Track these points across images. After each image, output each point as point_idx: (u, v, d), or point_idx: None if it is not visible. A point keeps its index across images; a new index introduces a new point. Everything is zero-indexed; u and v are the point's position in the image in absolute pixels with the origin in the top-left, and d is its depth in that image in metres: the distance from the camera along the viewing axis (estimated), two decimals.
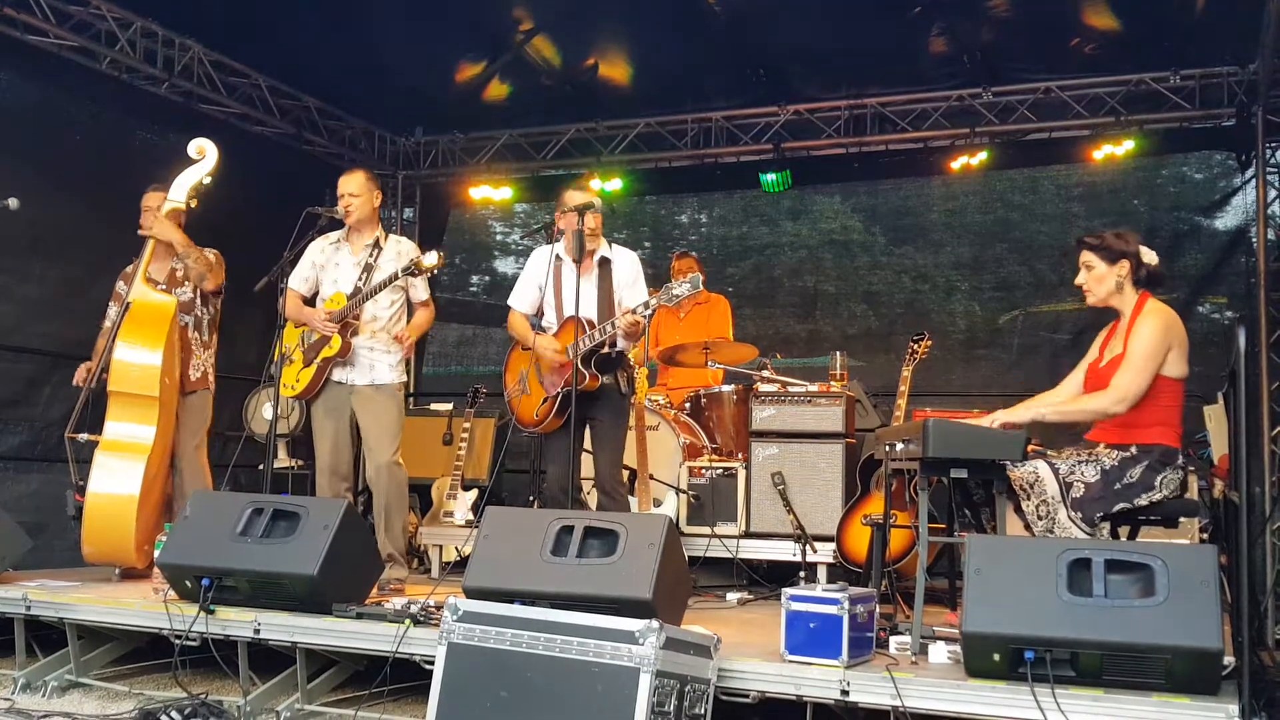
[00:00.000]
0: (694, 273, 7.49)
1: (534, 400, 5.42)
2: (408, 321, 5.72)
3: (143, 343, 5.50)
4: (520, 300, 5.57)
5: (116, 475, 5.42)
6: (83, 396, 5.67)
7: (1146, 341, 4.12)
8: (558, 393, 5.24)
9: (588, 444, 5.48)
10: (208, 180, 5.72)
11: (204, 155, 5.73)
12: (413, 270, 5.46)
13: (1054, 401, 4.40)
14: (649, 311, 5.18)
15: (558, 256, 5.44)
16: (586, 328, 5.16)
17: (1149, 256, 4.31)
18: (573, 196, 5.39)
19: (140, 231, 5.73)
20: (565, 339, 5.29)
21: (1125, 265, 4.29)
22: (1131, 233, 4.41)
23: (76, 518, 5.44)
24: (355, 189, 5.63)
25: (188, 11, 7.20)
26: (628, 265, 5.52)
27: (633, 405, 5.81)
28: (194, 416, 5.80)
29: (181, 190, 5.69)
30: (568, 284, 5.39)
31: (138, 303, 5.60)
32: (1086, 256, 4.37)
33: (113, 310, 5.85)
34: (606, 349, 5.25)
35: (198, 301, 5.82)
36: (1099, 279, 4.33)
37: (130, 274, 5.85)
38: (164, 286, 5.77)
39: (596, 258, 5.44)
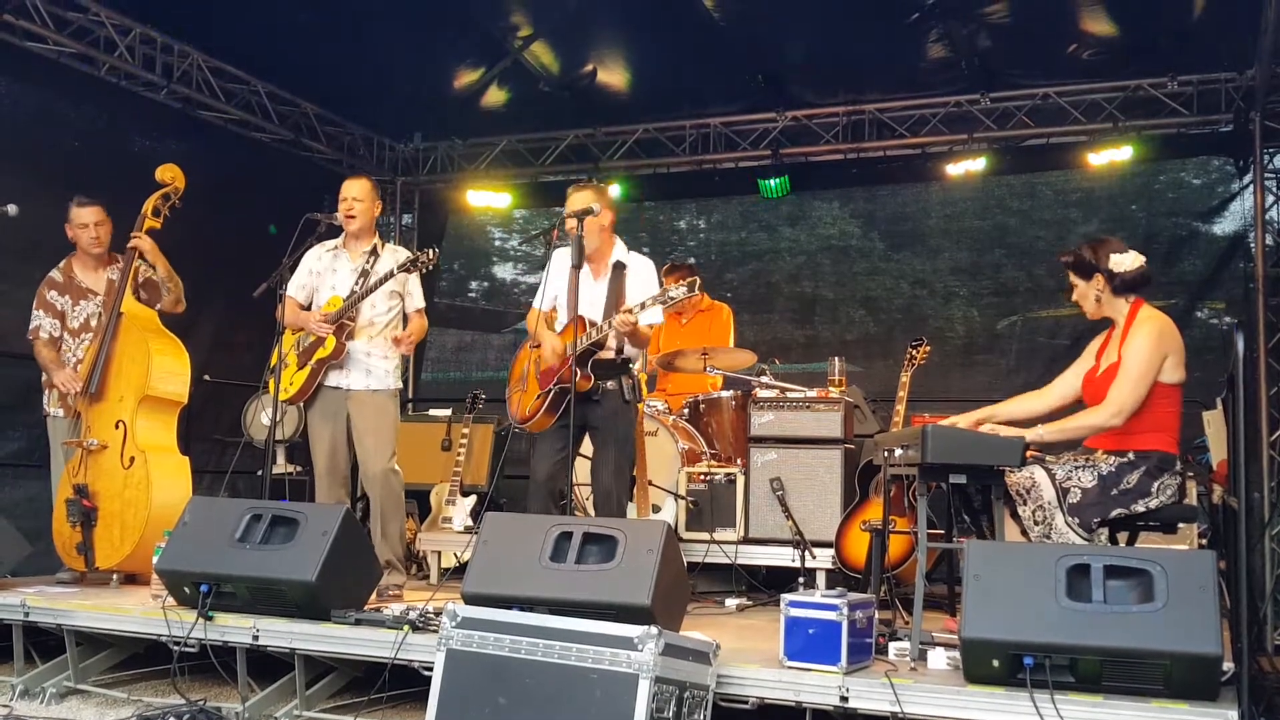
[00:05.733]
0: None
1: (529, 396, 5.35)
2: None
3: (175, 350, 5.74)
4: (540, 299, 5.49)
5: (178, 481, 5.57)
6: (78, 404, 5.65)
7: (1142, 354, 4.11)
8: (549, 389, 5.18)
9: (587, 449, 5.43)
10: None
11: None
12: (408, 266, 5.42)
13: (1051, 416, 4.37)
14: (644, 312, 5.03)
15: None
16: (587, 327, 5.09)
17: (1122, 264, 4.24)
18: (574, 199, 5.27)
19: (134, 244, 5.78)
20: (568, 339, 5.23)
21: (1099, 279, 4.28)
22: (1109, 240, 4.36)
23: (85, 523, 5.40)
24: (359, 194, 5.61)
25: (186, 18, 7.20)
26: (643, 273, 5.38)
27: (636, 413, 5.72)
28: None
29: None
30: (579, 285, 5.28)
31: (135, 314, 5.70)
32: (1070, 274, 4.39)
33: (47, 321, 5.82)
34: (612, 355, 5.19)
35: None
36: (1082, 295, 4.34)
37: (62, 284, 5.86)
38: (103, 298, 5.87)
39: (610, 261, 5.34)
